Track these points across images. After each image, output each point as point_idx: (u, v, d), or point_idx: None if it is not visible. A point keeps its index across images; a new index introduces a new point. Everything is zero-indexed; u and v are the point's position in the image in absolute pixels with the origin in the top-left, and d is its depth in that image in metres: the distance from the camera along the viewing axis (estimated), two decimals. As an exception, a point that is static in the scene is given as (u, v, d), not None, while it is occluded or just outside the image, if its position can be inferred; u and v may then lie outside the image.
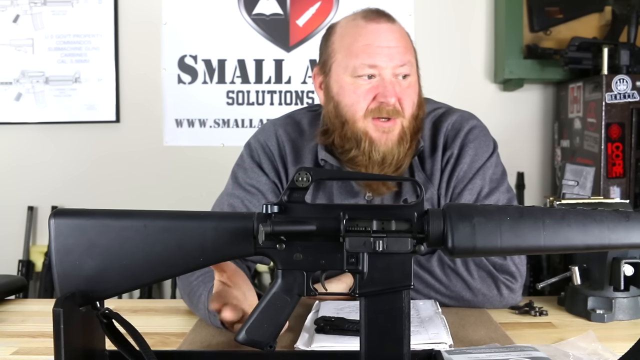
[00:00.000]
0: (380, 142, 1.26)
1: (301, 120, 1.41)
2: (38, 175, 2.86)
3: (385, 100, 1.24)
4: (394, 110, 1.25)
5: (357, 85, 1.26)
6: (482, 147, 1.34)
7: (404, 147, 1.28)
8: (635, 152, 2.41)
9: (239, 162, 1.40)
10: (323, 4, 2.83)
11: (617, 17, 2.66)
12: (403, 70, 1.26)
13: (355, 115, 1.27)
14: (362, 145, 1.27)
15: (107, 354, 0.85)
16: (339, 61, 1.29)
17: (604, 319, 1.16)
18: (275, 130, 1.39)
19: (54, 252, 0.79)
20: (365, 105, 1.26)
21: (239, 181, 1.36)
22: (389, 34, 1.26)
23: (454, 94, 2.79)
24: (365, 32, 1.26)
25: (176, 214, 0.81)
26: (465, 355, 0.90)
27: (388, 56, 1.25)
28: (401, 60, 1.26)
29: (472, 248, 0.76)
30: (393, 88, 1.25)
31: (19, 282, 1.44)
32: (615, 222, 0.77)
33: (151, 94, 2.84)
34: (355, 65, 1.25)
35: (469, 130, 1.34)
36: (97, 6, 2.81)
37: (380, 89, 1.25)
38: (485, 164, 1.33)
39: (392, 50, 1.25)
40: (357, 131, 1.27)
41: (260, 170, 1.36)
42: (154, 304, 1.45)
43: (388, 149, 1.27)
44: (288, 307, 0.79)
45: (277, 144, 1.37)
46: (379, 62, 1.25)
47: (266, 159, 1.37)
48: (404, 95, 1.26)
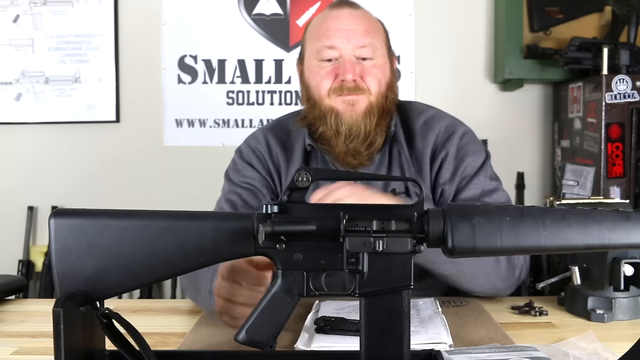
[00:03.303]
0: (345, 114, 1.33)
1: (287, 121, 1.49)
2: (38, 175, 2.86)
3: (344, 77, 1.31)
4: (356, 87, 1.32)
5: (321, 67, 1.34)
6: (480, 150, 1.40)
7: (371, 121, 1.33)
8: (635, 152, 2.41)
9: (231, 166, 1.47)
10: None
11: (617, 17, 2.66)
12: (364, 52, 1.33)
13: (320, 94, 1.35)
14: (329, 121, 1.34)
15: (107, 354, 0.85)
16: (308, 48, 1.39)
17: (604, 319, 1.16)
18: (264, 135, 1.46)
19: (54, 252, 0.79)
20: (329, 84, 1.33)
21: (233, 181, 1.43)
22: (349, 18, 1.34)
23: (454, 94, 2.80)
24: (328, 17, 1.36)
25: (176, 214, 0.81)
26: (465, 355, 0.90)
27: (346, 37, 1.32)
28: (361, 41, 1.33)
29: (472, 248, 0.76)
30: (352, 66, 1.32)
31: (19, 282, 1.44)
32: (615, 222, 0.77)
33: (151, 94, 2.84)
34: (317, 48, 1.34)
35: (464, 134, 1.40)
36: (97, 6, 2.81)
37: (341, 68, 1.32)
38: (484, 165, 1.38)
39: (351, 32, 1.33)
40: (324, 109, 1.34)
41: (251, 168, 1.43)
42: (154, 304, 1.45)
43: (353, 120, 1.33)
44: (288, 307, 0.79)
45: (266, 146, 1.44)
46: (337, 44, 1.32)
47: (256, 158, 1.44)
48: (367, 73, 1.33)
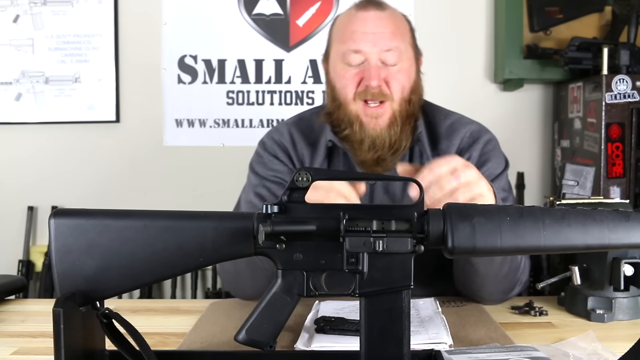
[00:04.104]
0: (369, 127, 1.33)
1: (310, 117, 1.48)
2: (38, 175, 2.85)
3: (369, 83, 1.30)
4: (380, 92, 1.31)
5: (346, 70, 1.33)
6: (500, 158, 1.39)
7: (395, 131, 1.33)
8: (635, 152, 2.41)
9: (256, 159, 1.45)
10: (323, 4, 2.83)
11: (617, 17, 2.65)
12: (389, 56, 1.31)
13: (346, 98, 1.34)
14: (354, 127, 1.34)
15: (107, 354, 0.85)
16: (334, 49, 1.37)
17: (604, 319, 1.16)
18: (288, 129, 1.45)
19: (54, 252, 0.79)
20: (354, 89, 1.33)
21: (261, 174, 1.41)
22: (375, 21, 1.32)
23: (454, 94, 2.79)
24: (354, 20, 1.34)
25: (176, 214, 0.81)
26: (465, 355, 0.90)
27: (372, 41, 1.30)
28: (387, 45, 1.31)
29: (472, 248, 0.76)
30: (378, 72, 1.30)
31: (19, 282, 1.44)
32: (615, 222, 0.77)
33: (151, 94, 2.84)
34: (343, 51, 1.33)
35: (488, 141, 1.39)
36: (97, 6, 2.81)
37: (366, 73, 1.31)
38: (502, 174, 1.37)
39: (377, 36, 1.31)
40: (349, 113, 1.34)
41: (278, 161, 1.42)
42: (154, 304, 1.45)
43: (377, 133, 1.33)
44: (288, 307, 0.79)
45: (290, 140, 1.43)
46: (363, 47, 1.31)
47: (281, 151, 1.43)
48: (392, 78, 1.32)
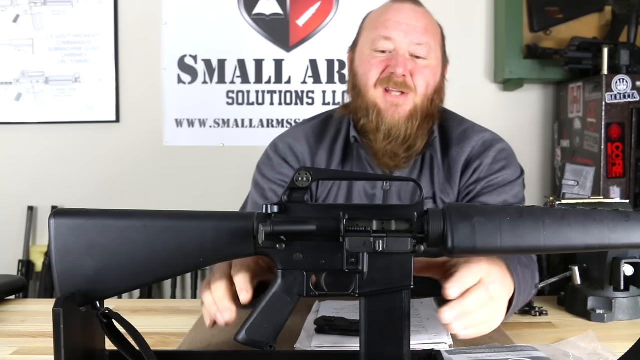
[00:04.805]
0: (387, 114, 1.28)
1: (326, 118, 1.43)
2: (38, 175, 2.85)
3: (394, 71, 1.27)
4: (404, 83, 1.27)
5: (373, 56, 1.30)
6: (515, 167, 1.34)
7: (413, 124, 1.29)
8: (635, 152, 2.41)
9: (265, 161, 1.40)
10: (323, 4, 2.83)
11: (617, 17, 2.66)
12: (419, 50, 1.28)
13: (367, 83, 1.30)
14: (370, 116, 1.30)
15: (107, 354, 0.85)
16: (363, 37, 1.34)
17: (604, 319, 1.16)
18: (304, 131, 1.39)
19: (54, 252, 0.79)
20: (377, 74, 1.29)
21: (268, 177, 1.37)
22: (410, 13, 1.30)
23: (454, 94, 2.78)
24: (389, 9, 1.32)
25: (176, 214, 0.81)
26: (465, 355, 0.90)
27: (404, 31, 1.28)
28: (418, 38, 1.28)
29: (472, 248, 0.76)
30: (405, 62, 1.27)
31: (19, 282, 1.44)
32: (615, 222, 0.77)
33: (151, 94, 2.84)
34: (373, 37, 1.30)
35: (502, 150, 1.34)
36: (97, 6, 2.81)
37: (393, 61, 1.28)
38: (515, 181, 1.33)
39: (410, 27, 1.28)
40: (368, 101, 1.30)
41: (287, 165, 1.37)
42: (154, 304, 1.45)
43: (395, 121, 1.28)
44: (288, 307, 0.79)
45: (306, 143, 1.37)
46: (394, 36, 1.28)
47: (292, 155, 1.37)
48: (417, 72, 1.28)
